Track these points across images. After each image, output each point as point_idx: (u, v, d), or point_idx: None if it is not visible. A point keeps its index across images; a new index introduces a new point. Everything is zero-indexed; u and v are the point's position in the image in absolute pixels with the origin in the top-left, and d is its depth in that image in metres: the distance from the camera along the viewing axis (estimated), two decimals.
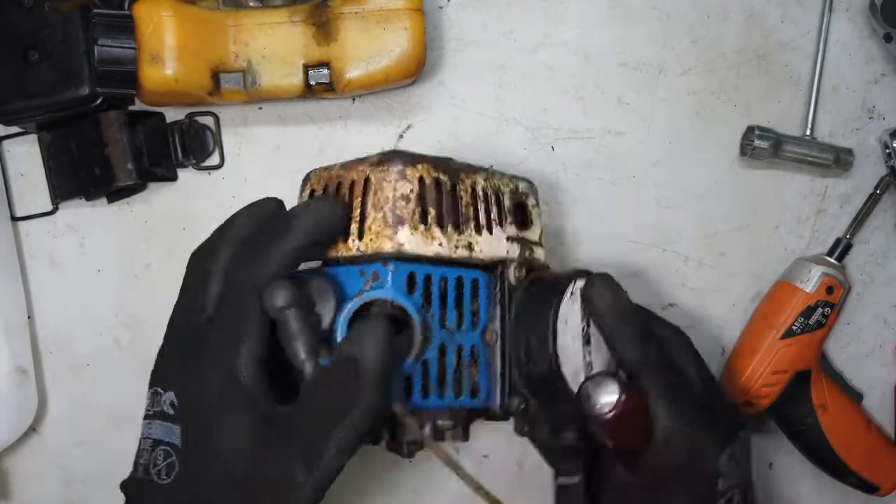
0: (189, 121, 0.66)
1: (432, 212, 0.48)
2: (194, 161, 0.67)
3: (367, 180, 0.48)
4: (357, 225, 0.48)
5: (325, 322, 0.46)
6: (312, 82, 0.61)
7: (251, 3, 0.62)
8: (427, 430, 0.48)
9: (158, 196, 0.67)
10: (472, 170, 0.51)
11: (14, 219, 0.67)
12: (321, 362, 0.44)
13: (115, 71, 0.59)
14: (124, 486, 0.48)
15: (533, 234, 0.54)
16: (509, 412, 0.51)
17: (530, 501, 0.70)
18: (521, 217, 0.53)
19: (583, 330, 0.50)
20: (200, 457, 0.44)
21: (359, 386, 0.42)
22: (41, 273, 0.67)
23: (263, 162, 0.67)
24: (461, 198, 0.49)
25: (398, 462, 0.67)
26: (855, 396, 0.69)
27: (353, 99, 0.67)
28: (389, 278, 0.46)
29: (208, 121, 0.67)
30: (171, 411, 0.45)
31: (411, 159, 0.48)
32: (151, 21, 0.59)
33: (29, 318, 0.67)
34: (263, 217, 0.49)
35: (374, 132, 0.67)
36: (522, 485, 0.70)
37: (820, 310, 0.64)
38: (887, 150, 0.67)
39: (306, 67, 0.61)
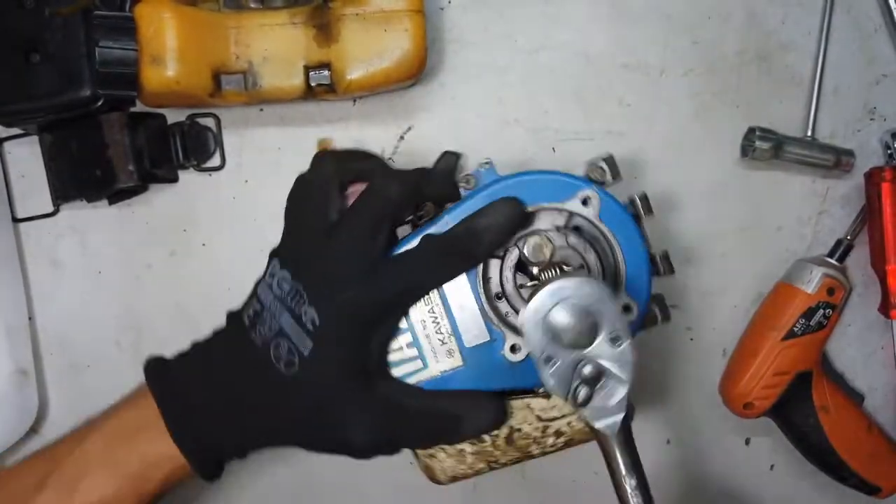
0: (190, 122, 0.66)
1: None
2: (195, 162, 0.67)
3: None
4: None
5: None
6: (313, 83, 0.61)
7: (252, 5, 0.62)
8: None
9: (159, 197, 0.67)
10: None
11: (15, 220, 0.67)
12: None
13: (116, 73, 0.59)
14: (235, 316, 0.54)
15: None
16: None
17: (531, 501, 0.70)
18: None
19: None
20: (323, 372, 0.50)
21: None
22: (42, 274, 0.67)
23: (265, 163, 0.67)
24: None
25: (401, 462, 0.67)
26: (856, 398, 0.69)
27: (354, 100, 0.67)
28: None
29: (209, 122, 0.67)
30: (310, 327, 0.49)
31: None
32: (152, 23, 0.59)
33: (30, 319, 0.67)
34: None
35: (374, 133, 0.67)
36: (524, 485, 0.70)
37: (821, 311, 0.64)
38: (888, 151, 0.67)
39: (307, 69, 0.61)
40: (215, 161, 0.67)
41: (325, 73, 0.61)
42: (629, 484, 0.48)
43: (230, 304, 0.67)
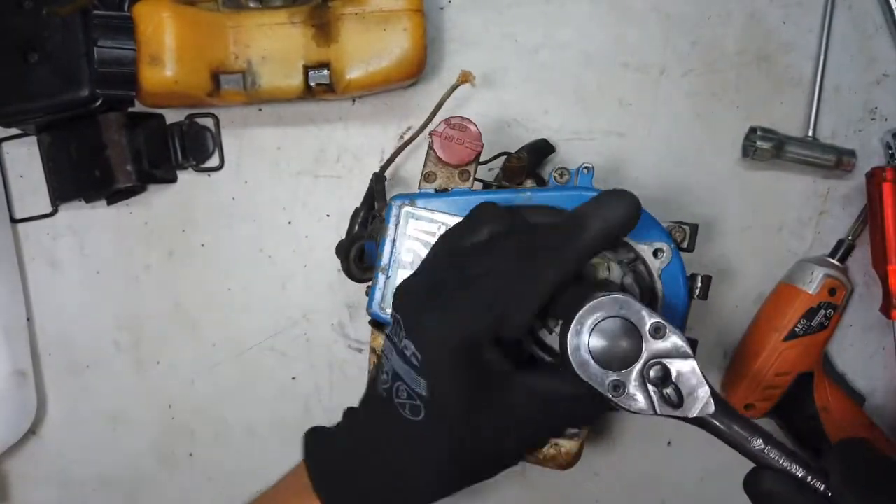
0: (189, 122, 0.66)
1: None
2: (194, 163, 0.67)
3: None
4: None
5: None
6: (312, 83, 0.61)
7: (251, 5, 0.62)
8: None
9: (158, 198, 0.67)
10: None
11: (14, 220, 0.67)
12: None
13: (114, 72, 0.59)
14: (367, 401, 0.50)
15: None
16: None
17: (531, 501, 0.70)
18: None
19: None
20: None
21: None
22: (41, 275, 0.67)
23: (264, 163, 0.67)
24: None
25: None
26: (857, 398, 0.69)
27: (354, 100, 0.67)
28: None
29: (208, 122, 0.67)
30: (415, 362, 0.45)
31: None
32: (151, 22, 0.59)
33: (28, 319, 0.67)
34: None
35: (374, 133, 0.67)
36: (524, 485, 0.69)
37: (822, 311, 0.64)
38: (889, 151, 0.67)
39: (306, 68, 0.61)
40: (214, 161, 0.67)
41: (325, 72, 0.61)
42: (757, 445, 0.45)
43: (230, 305, 0.68)
